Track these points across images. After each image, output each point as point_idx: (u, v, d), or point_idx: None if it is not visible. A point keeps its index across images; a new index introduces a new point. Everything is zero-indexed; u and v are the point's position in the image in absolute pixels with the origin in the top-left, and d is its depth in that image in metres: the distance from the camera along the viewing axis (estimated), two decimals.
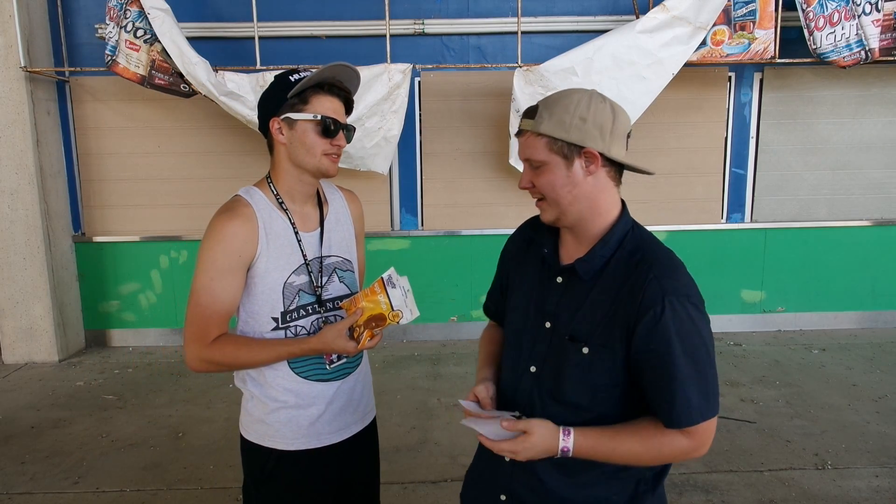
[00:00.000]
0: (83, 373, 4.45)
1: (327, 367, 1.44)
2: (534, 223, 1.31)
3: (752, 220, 5.04)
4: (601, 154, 1.09)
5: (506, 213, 4.87)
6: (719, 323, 5.10)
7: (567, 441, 1.07)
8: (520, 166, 4.33)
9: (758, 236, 5.05)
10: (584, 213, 1.13)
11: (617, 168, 1.14)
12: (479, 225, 4.91)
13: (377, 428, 1.63)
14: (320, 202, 1.49)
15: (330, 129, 1.34)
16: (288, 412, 1.41)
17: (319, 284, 1.43)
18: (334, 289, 1.47)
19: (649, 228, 1.21)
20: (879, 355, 4.49)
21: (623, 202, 1.18)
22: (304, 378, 1.42)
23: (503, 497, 1.22)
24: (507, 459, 1.19)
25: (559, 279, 1.17)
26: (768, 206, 5.01)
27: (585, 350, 1.10)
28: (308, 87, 1.33)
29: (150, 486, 2.89)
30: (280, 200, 1.40)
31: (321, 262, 1.44)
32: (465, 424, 1.15)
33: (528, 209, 5.19)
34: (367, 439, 1.57)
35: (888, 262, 5.08)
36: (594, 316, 1.10)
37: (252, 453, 1.45)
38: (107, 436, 3.41)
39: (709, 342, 1.08)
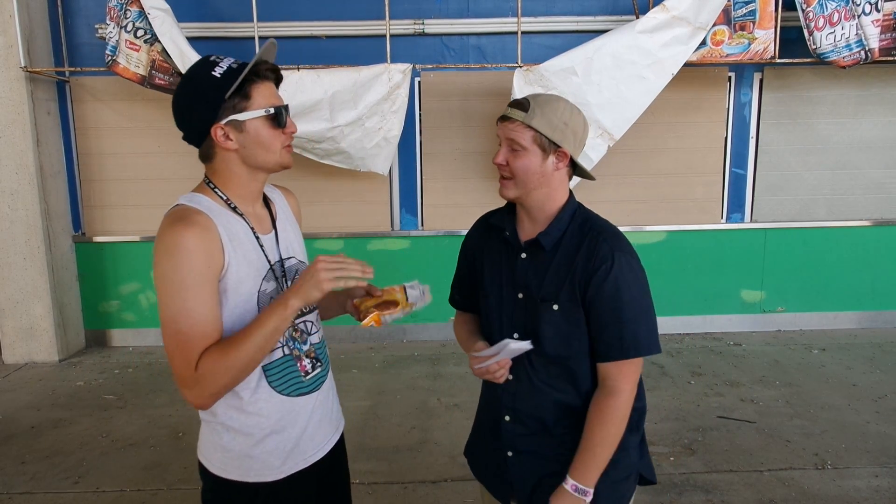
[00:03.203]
0: (83, 373, 4.45)
1: (304, 378, 1.32)
2: (489, 216, 1.51)
3: (751, 220, 5.04)
4: (570, 155, 1.32)
5: None
6: (719, 323, 5.10)
7: (587, 496, 1.29)
8: None
9: (758, 236, 5.05)
10: (543, 198, 1.34)
11: (573, 168, 1.38)
12: None
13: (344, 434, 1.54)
14: (266, 201, 1.37)
15: (281, 118, 1.22)
16: (275, 438, 1.28)
17: (285, 289, 1.29)
18: None
19: (649, 228, 1.35)
20: (879, 355, 4.49)
21: (570, 191, 1.40)
22: (287, 395, 1.28)
23: (510, 454, 1.43)
24: (508, 419, 1.42)
25: (523, 255, 1.38)
26: (768, 206, 5.01)
27: (555, 307, 1.31)
28: (244, 79, 1.17)
29: (150, 486, 2.89)
30: (232, 205, 1.24)
31: (282, 266, 1.32)
32: (479, 364, 1.33)
33: None
34: (342, 448, 1.50)
35: (888, 261, 5.08)
36: (558, 278, 1.31)
37: (231, 493, 1.28)
38: (107, 436, 3.41)
39: (647, 289, 1.31)
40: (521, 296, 1.37)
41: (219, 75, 1.16)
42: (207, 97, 1.16)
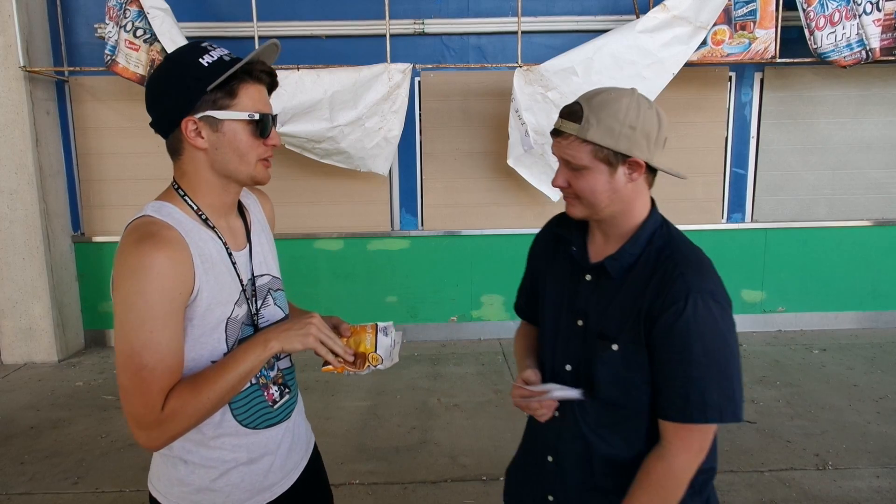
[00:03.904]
0: (83, 373, 4.45)
1: (271, 408, 1.20)
2: (560, 220, 1.29)
3: (752, 220, 5.04)
4: (645, 162, 1.09)
5: (506, 213, 4.87)
6: None
7: None
8: (518, 167, 4.33)
9: (758, 236, 5.04)
10: (617, 213, 1.13)
11: (653, 172, 1.15)
12: (479, 225, 4.90)
13: (317, 447, 1.42)
14: (241, 211, 1.22)
15: (266, 128, 1.08)
16: (240, 471, 1.15)
17: (255, 311, 1.17)
18: (270, 314, 1.21)
19: None
20: (880, 355, 4.48)
21: (652, 200, 1.18)
22: (253, 428, 1.16)
23: (550, 498, 1.24)
24: (550, 460, 1.23)
25: (588, 277, 1.17)
26: (768, 206, 5.01)
27: (615, 347, 1.10)
28: (234, 76, 1.04)
29: None
30: (203, 217, 1.10)
31: (254, 284, 1.18)
32: (521, 395, 1.18)
33: (528, 209, 5.18)
34: (314, 467, 1.37)
35: (888, 262, 5.08)
36: (623, 313, 1.10)
37: None
38: (106, 436, 3.41)
39: (732, 343, 1.06)
40: (580, 323, 1.17)
41: (206, 64, 1.03)
42: (187, 84, 1.03)
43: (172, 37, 3.94)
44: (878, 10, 4.00)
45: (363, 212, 4.87)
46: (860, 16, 4.00)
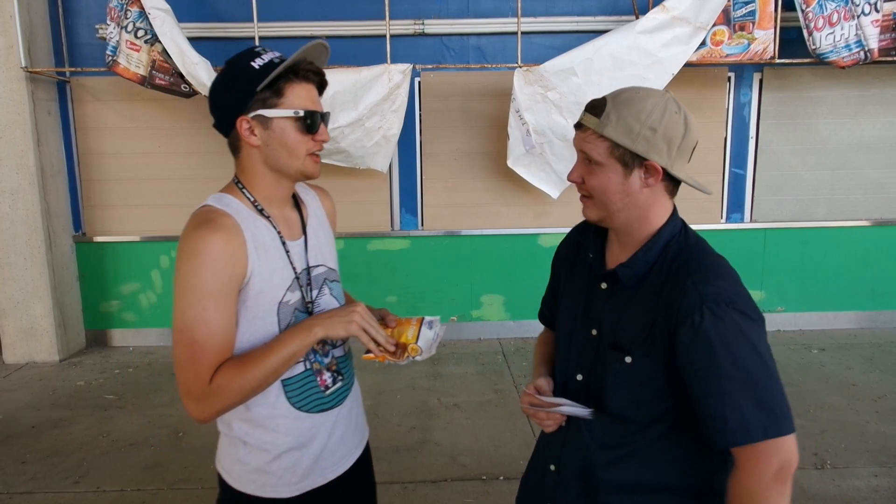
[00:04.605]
0: (84, 372, 4.45)
1: (323, 393, 1.26)
2: (582, 227, 1.27)
3: (751, 220, 5.04)
4: (664, 169, 1.04)
5: (506, 213, 4.88)
6: None
7: None
8: (517, 167, 4.35)
9: (757, 236, 5.05)
10: (632, 220, 1.08)
11: (675, 182, 1.09)
12: (479, 225, 4.91)
13: (370, 445, 1.48)
14: (297, 204, 1.30)
15: (314, 124, 1.15)
16: (292, 454, 1.23)
17: (310, 300, 1.24)
18: (325, 303, 1.28)
19: None
20: (879, 355, 4.49)
21: (674, 207, 1.13)
22: (306, 412, 1.23)
23: None
24: (553, 469, 1.20)
25: (603, 285, 1.14)
26: (768, 206, 5.02)
27: (628, 360, 1.05)
28: (281, 76, 1.13)
29: (150, 486, 2.90)
30: (259, 207, 1.19)
31: (309, 274, 1.25)
32: (530, 403, 1.17)
33: (528, 209, 5.19)
34: (366, 460, 1.43)
35: (888, 262, 5.09)
36: (636, 324, 1.05)
37: None
38: (107, 435, 3.42)
39: (763, 350, 0.97)
40: (594, 332, 1.13)
41: (257, 67, 1.12)
42: (239, 86, 1.13)
43: (173, 37, 3.95)
44: (877, 10, 4.01)
45: (363, 212, 4.88)
46: (859, 16, 4.01)
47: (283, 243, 1.20)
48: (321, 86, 1.21)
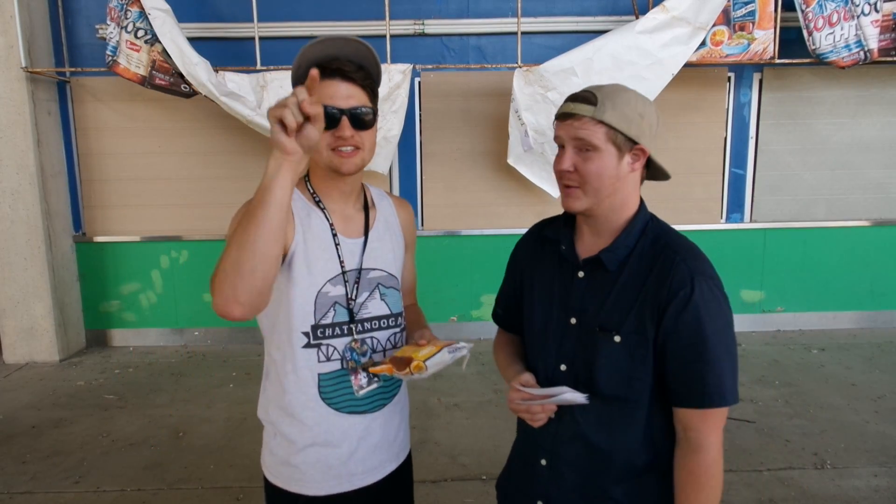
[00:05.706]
0: (84, 372, 4.46)
1: (355, 393, 1.25)
2: (545, 223, 1.32)
3: (751, 221, 5.05)
4: (648, 153, 1.13)
5: (506, 213, 4.88)
6: None
7: None
8: (518, 165, 4.35)
9: (757, 236, 5.05)
10: (616, 206, 1.14)
11: (646, 168, 1.18)
12: (479, 225, 4.91)
13: (412, 464, 1.45)
14: (367, 207, 1.32)
15: (331, 120, 1.14)
16: (317, 451, 1.24)
17: (353, 297, 1.24)
18: (374, 307, 1.28)
19: None
20: (878, 355, 4.49)
21: (640, 197, 1.21)
22: (336, 410, 1.24)
23: (540, 503, 1.23)
24: (544, 463, 1.22)
25: (581, 274, 1.18)
26: (767, 206, 5.02)
27: (617, 339, 1.11)
28: (303, 72, 1.12)
29: (150, 486, 2.90)
30: (317, 199, 1.25)
31: (360, 274, 1.26)
32: (521, 399, 1.16)
33: (528, 209, 5.18)
34: (402, 478, 1.40)
35: (887, 262, 5.09)
36: (623, 304, 1.11)
37: (277, 499, 1.29)
38: (107, 435, 3.42)
39: (732, 326, 1.10)
40: (573, 321, 1.17)
41: (306, 65, 1.16)
42: (293, 84, 1.18)
43: (173, 37, 3.96)
44: (877, 11, 4.02)
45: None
46: (858, 17, 4.01)
47: (335, 236, 1.24)
48: (366, 84, 1.19)
